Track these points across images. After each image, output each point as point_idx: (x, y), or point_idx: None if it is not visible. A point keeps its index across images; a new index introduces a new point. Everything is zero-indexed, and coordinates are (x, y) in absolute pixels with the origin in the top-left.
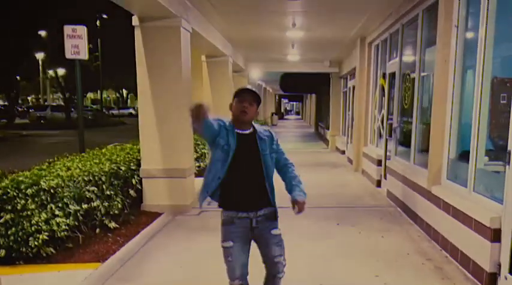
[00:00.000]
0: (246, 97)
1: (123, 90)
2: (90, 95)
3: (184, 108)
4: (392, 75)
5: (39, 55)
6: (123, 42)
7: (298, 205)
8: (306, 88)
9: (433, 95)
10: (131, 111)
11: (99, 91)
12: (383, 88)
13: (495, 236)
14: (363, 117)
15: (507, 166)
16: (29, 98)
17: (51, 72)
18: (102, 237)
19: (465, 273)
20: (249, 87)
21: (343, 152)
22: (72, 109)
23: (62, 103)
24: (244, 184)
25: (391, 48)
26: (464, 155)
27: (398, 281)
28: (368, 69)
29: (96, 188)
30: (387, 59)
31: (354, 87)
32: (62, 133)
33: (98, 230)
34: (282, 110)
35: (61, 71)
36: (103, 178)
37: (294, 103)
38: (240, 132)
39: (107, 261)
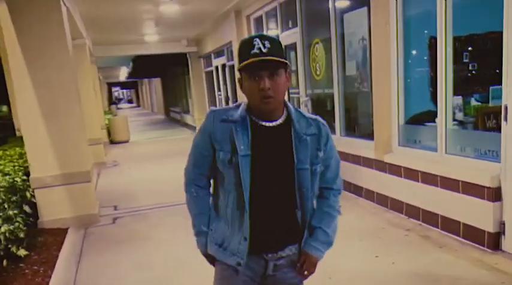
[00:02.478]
0: (263, 69)
1: None
2: None
3: (73, 99)
4: (290, 47)
5: None
6: None
7: (306, 264)
8: (153, 72)
9: (371, 61)
10: None
11: None
12: None
13: (496, 195)
14: None
15: (504, 122)
16: None
17: None
18: (15, 270)
19: (455, 237)
20: (257, 44)
21: None
22: None
23: None
24: (260, 213)
25: (282, 18)
26: (415, 119)
27: (402, 257)
28: None
29: None
30: (281, 31)
31: (223, 65)
32: None
33: (5, 262)
34: (113, 99)
35: None
36: (2, 195)
37: (125, 90)
38: (262, 123)
39: None
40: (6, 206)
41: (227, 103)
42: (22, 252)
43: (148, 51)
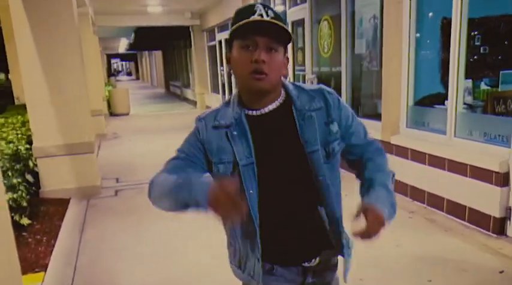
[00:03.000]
0: (258, 38)
1: None
2: None
3: (77, 70)
4: (298, 23)
5: None
6: None
7: (369, 219)
8: (154, 45)
9: (383, 40)
10: None
11: None
12: None
13: (504, 180)
14: None
15: None
16: None
17: None
18: (18, 239)
19: (460, 221)
20: (259, 9)
21: None
22: None
23: None
24: (276, 222)
25: None
26: (425, 101)
27: (408, 239)
28: None
29: (2, 177)
30: (289, 6)
31: (227, 40)
32: None
33: None
34: (112, 71)
35: None
36: (7, 163)
37: (124, 62)
38: (253, 113)
39: (50, 268)
40: (10, 174)
41: (229, 78)
42: (25, 221)
43: (151, 22)
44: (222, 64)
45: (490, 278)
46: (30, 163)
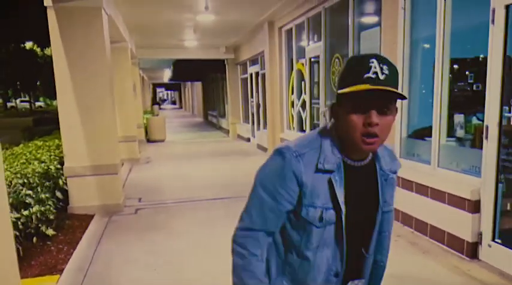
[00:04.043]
0: (375, 100)
1: None
2: None
3: (108, 99)
4: (314, 59)
5: None
6: None
7: None
8: (194, 76)
9: None
10: None
11: None
12: (301, 73)
13: (475, 207)
14: (278, 103)
15: (485, 141)
16: None
17: None
18: (43, 247)
19: (439, 245)
20: (374, 66)
21: (248, 139)
22: None
23: None
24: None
25: (309, 32)
26: (416, 134)
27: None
28: (280, 54)
29: (31, 192)
30: (307, 43)
31: (257, 73)
32: None
33: (34, 239)
34: (157, 99)
35: None
36: (37, 180)
37: (169, 92)
38: (353, 163)
39: (65, 273)
40: (39, 189)
41: (258, 109)
42: (50, 231)
43: (188, 55)
44: (251, 96)
45: None
46: (60, 182)
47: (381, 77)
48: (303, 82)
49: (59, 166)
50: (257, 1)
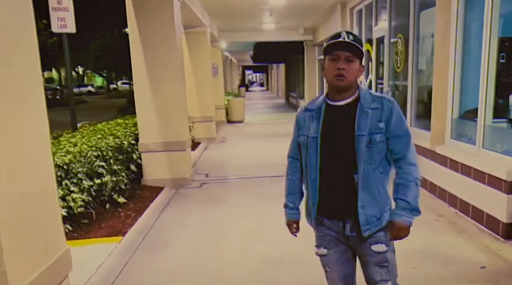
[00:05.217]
0: (340, 53)
1: (79, 67)
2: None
3: (178, 81)
4: (380, 39)
5: None
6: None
7: (392, 229)
8: (276, 58)
9: (434, 57)
10: (90, 88)
11: (53, 70)
12: (369, 53)
13: (511, 188)
14: None
15: None
16: None
17: None
18: (113, 213)
19: (478, 225)
20: (343, 34)
21: None
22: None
23: None
24: (328, 181)
25: (377, 12)
26: (467, 114)
27: (419, 237)
28: None
29: (104, 163)
30: (373, 24)
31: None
32: None
33: (107, 206)
34: (246, 82)
35: None
36: (110, 153)
37: (257, 74)
38: (332, 103)
39: (127, 234)
40: (112, 162)
41: None
42: (121, 200)
43: (268, 38)
44: None
45: (470, 271)
46: (134, 156)
47: (346, 40)
48: (370, 63)
49: (133, 142)
50: None
